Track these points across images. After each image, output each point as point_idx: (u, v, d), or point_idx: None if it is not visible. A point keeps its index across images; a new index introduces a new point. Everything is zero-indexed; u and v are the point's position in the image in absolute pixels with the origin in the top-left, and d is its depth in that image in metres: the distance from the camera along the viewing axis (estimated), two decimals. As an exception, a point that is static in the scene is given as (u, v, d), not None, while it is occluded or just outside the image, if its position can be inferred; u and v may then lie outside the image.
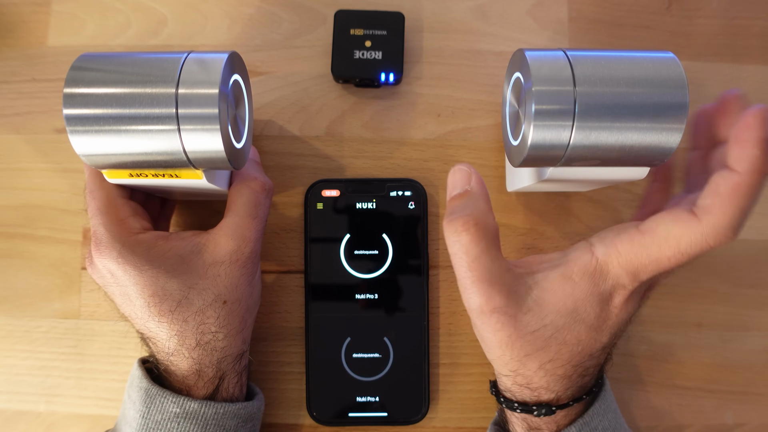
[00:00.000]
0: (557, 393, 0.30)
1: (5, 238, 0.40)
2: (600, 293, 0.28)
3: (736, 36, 0.43)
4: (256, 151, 0.38)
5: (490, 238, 0.28)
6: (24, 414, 0.39)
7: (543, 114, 0.26)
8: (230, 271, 0.31)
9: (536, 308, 0.28)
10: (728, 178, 0.25)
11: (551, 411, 0.30)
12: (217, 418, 0.31)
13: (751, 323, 0.41)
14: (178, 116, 0.26)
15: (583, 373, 0.30)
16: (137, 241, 0.31)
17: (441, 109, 0.41)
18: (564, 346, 0.29)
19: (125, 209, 0.32)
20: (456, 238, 0.28)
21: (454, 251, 0.28)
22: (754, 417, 0.40)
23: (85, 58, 0.28)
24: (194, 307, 0.30)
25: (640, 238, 0.27)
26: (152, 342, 0.31)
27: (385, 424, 0.38)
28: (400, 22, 0.40)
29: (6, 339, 0.39)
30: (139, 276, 0.30)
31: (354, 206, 0.39)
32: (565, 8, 0.42)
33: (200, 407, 0.30)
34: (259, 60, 0.41)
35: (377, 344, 0.38)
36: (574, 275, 0.28)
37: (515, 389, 0.31)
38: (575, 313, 0.28)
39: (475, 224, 0.27)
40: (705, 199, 0.25)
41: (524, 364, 0.29)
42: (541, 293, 0.28)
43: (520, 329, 0.28)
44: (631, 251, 0.27)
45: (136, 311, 0.31)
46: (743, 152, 0.24)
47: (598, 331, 0.29)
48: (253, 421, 0.33)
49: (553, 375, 0.29)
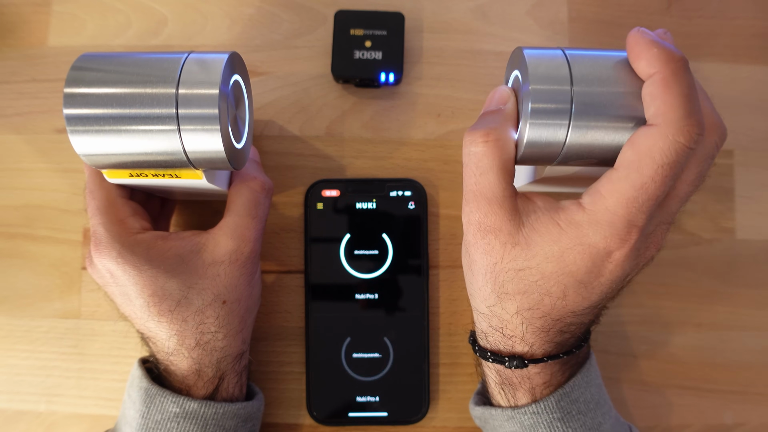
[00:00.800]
0: (531, 346, 0.29)
1: (5, 238, 0.40)
2: (590, 245, 0.26)
3: (736, 36, 0.43)
4: (256, 151, 0.38)
5: (505, 159, 0.27)
6: (24, 414, 0.39)
7: (539, 112, 0.26)
8: (230, 270, 0.31)
9: (525, 245, 0.27)
10: (653, 80, 0.25)
11: (524, 364, 0.29)
12: (216, 418, 0.31)
13: (751, 323, 0.41)
14: (178, 116, 0.26)
15: (562, 329, 0.29)
16: (136, 240, 0.31)
17: (441, 109, 0.41)
18: (547, 297, 0.28)
19: (125, 209, 0.32)
20: (472, 148, 0.28)
21: (466, 161, 0.28)
22: (753, 417, 0.40)
23: (86, 58, 0.28)
24: (194, 306, 0.30)
25: (616, 174, 0.26)
26: (152, 342, 0.31)
27: (385, 424, 0.38)
28: (400, 22, 0.40)
29: (6, 339, 0.40)
30: (139, 276, 0.30)
31: (354, 206, 0.39)
32: (565, 8, 0.42)
33: (200, 407, 0.30)
34: (259, 60, 0.41)
35: (377, 344, 0.38)
36: (560, 221, 0.27)
37: (489, 333, 0.30)
38: (562, 261, 0.27)
39: (495, 139, 0.27)
40: (649, 109, 0.25)
41: (502, 301, 0.29)
42: (531, 232, 0.27)
43: (507, 260, 0.28)
44: (614, 189, 0.26)
45: (135, 311, 0.31)
46: (645, 57, 0.25)
47: (588, 288, 0.27)
48: (252, 421, 0.33)
49: (529, 325, 0.28)
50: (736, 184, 0.42)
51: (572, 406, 0.30)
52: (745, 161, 0.42)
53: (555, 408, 0.29)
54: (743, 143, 0.42)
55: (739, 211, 0.41)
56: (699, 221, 0.41)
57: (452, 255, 0.40)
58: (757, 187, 0.42)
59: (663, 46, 0.25)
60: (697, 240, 0.41)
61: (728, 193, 0.42)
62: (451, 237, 0.40)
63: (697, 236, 0.41)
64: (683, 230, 0.41)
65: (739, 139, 0.42)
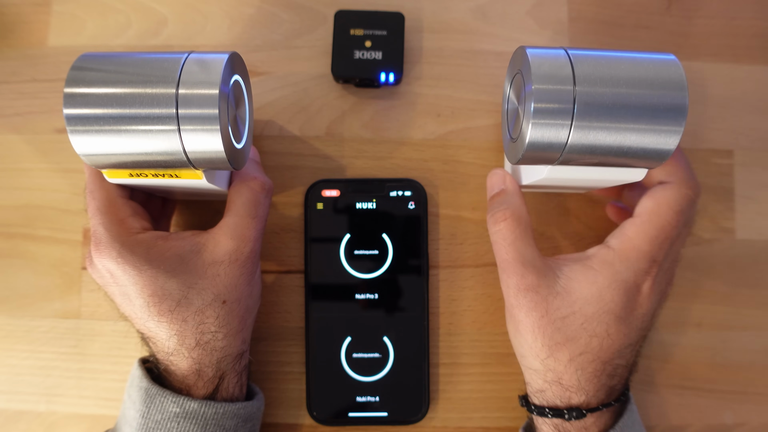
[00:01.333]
0: (587, 394, 0.30)
1: (5, 238, 0.40)
2: (623, 280, 0.30)
3: (736, 36, 0.43)
4: (256, 151, 0.38)
5: (524, 227, 0.32)
6: (24, 414, 0.39)
7: (542, 112, 0.26)
8: (230, 270, 0.31)
9: (564, 294, 0.31)
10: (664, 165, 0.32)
11: (582, 414, 0.30)
12: (216, 418, 0.31)
13: (751, 323, 0.41)
14: (179, 116, 0.26)
15: (611, 373, 0.31)
16: (137, 241, 0.31)
17: (441, 109, 0.41)
18: (594, 338, 0.30)
19: (125, 209, 0.32)
20: (496, 228, 0.32)
21: (495, 239, 0.32)
22: (753, 417, 0.40)
23: (86, 58, 0.28)
24: (193, 306, 0.30)
25: (640, 220, 0.31)
26: (152, 342, 0.31)
27: (385, 424, 0.38)
28: (400, 22, 0.40)
29: (6, 339, 0.40)
30: (139, 276, 0.30)
31: (354, 206, 0.39)
32: (565, 8, 0.42)
33: (200, 407, 0.30)
34: (259, 60, 0.41)
35: (377, 344, 0.38)
36: (594, 265, 0.31)
37: (546, 389, 0.31)
38: (601, 300, 0.30)
39: (511, 215, 0.32)
40: (663, 175, 0.32)
41: (554, 353, 0.31)
42: (568, 282, 0.31)
43: (551, 312, 0.30)
44: (640, 230, 0.31)
45: (135, 311, 0.31)
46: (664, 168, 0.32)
47: (626, 323, 0.31)
48: (252, 421, 0.33)
49: (583, 371, 0.30)
50: (736, 184, 0.42)
51: None
52: (745, 161, 0.42)
53: None
54: (743, 143, 0.42)
55: (739, 211, 0.41)
56: (699, 221, 0.41)
57: (452, 255, 0.40)
58: (757, 187, 0.42)
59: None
60: (697, 240, 0.41)
61: (728, 193, 0.42)
62: (451, 237, 0.40)
63: (697, 236, 0.41)
64: (683, 230, 0.41)
65: (739, 139, 0.42)
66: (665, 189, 0.31)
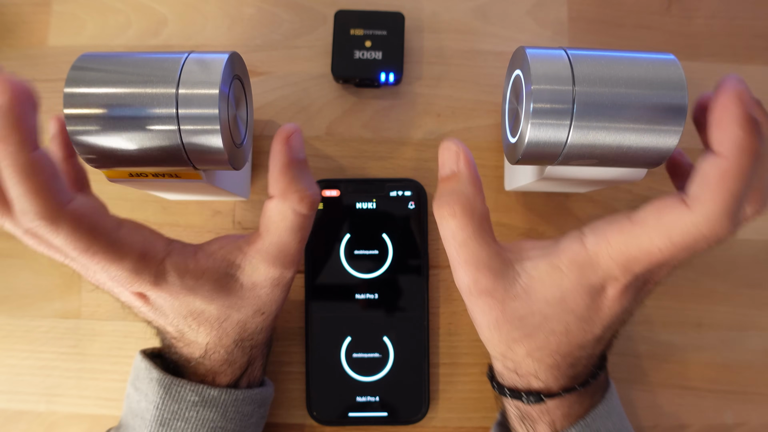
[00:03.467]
0: (547, 383, 0.29)
1: (5, 238, 0.40)
2: (590, 285, 0.27)
3: (736, 36, 0.43)
4: (300, 141, 0.29)
5: (478, 223, 0.27)
6: (24, 414, 0.39)
7: (541, 112, 0.26)
8: (272, 292, 0.30)
9: (524, 295, 0.28)
10: (714, 163, 0.23)
11: (540, 399, 0.29)
12: (237, 405, 0.31)
13: (751, 323, 0.41)
14: (179, 116, 0.26)
15: (573, 363, 0.29)
16: (167, 269, 0.27)
17: (441, 109, 0.41)
18: (552, 336, 0.28)
19: (134, 239, 0.27)
20: (443, 223, 0.28)
21: (444, 235, 0.28)
22: (754, 417, 0.40)
23: (86, 58, 0.28)
24: (233, 319, 0.30)
25: (630, 228, 0.26)
26: (184, 343, 0.31)
27: (385, 424, 0.38)
28: (400, 22, 0.40)
29: (6, 339, 0.40)
30: (175, 300, 0.28)
31: (354, 206, 0.39)
32: (565, 8, 0.42)
33: (220, 394, 0.30)
34: (259, 60, 0.41)
35: (377, 344, 0.38)
36: (562, 265, 0.27)
37: (505, 374, 0.31)
38: (563, 303, 0.27)
39: (461, 209, 0.27)
40: (694, 187, 0.24)
41: (512, 348, 0.29)
42: (530, 281, 0.28)
43: (508, 314, 0.28)
44: (621, 242, 0.26)
45: (170, 321, 0.30)
46: (725, 134, 0.23)
47: (589, 323, 0.28)
48: (265, 406, 0.34)
49: (541, 363, 0.29)
50: (736, 184, 0.42)
51: None
52: (745, 161, 0.42)
53: None
54: (743, 143, 0.42)
55: (739, 211, 0.41)
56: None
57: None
58: (757, 187, 0.42)
59: (749, 131, 0.23)
60: (697, 240, 0.41)
61: (728, 193, 0.42)
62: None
63: (697, 236, 0.41)
64: (683, 230, 0.41)
65: (739, 139, 0.42)
66: (679, 213, 0.24)
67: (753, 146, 0.23)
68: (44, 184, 0.23)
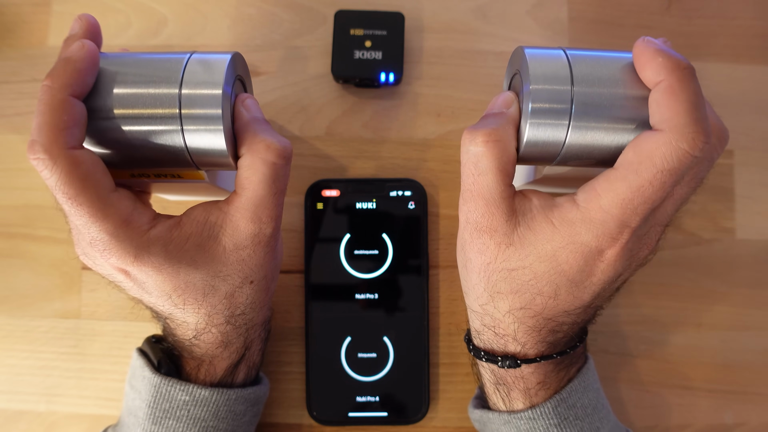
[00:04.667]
0: (524, 345, 0.29)
1: (5, 238, 0.40)
2: (582, 243, 0.26)
3: (736, 36, 0.43)
4: (255, 103, 0.30)
5: (505, 161, 0.27)
6: (24, 414, 0.39)
7: (539, 112, 0.26)
8: (254, 253, 0.29)
9: (519, 244, 0.27)
10: (658, 89, 0.25)
11: (516, 363, 0.29)
12: (229, 404, 0.31)
13: (751, 323, 0.41)
14: (181, 116, 0.26)
15: (555, 329, 0.29)
16: (150, 240, 0.27)
17: (441, 109, 0.41)
18: (539, 296, 0.28)
19: (123, 205, 0.27)
20: (471, 147, 0.27)
21: (464, 160, 0.28)
22: (753, 417, 0.40)
23: (86, 58, 0.28)
24: (221, 292, 0.29)
25: (614, 173, 0.26)
26: (175, 324, 0.30)
27: (385, 424, 0.38)
28: (400, 22, 0.40)
29: (6, 339, 0.40)
30: (159, 274, 0.28)
31: (354, 206, 0.39)
32: (565, 8, 0.42)
33: (211, 394, 0.30)
34: (259, 60, 0.41)
35: (377, 344, 0.38)
36: (554, 220, 0.27)
37: (482, 331, 0.30)
38: (555, 260, 0.27)
39: (496, 140, 0.27)
40: (656, 116, 0.25)
41: (494, 300, 0.29)
42: (526, 231, 0.27)
43: (500, 260, 0.28)
44: (610, 188, 0.25)
45: (155, 301, 0.29)
46: (652, 66, 0.25)
47: (579, 287, 0.27)
48: (258, 405, 0.34)
49: (521, 324, 0.29)
50: (736, 184, 0.42)
51: (569, 412, 0.30)
52: (745, 161, 0.42)
53: (552, 414, 0.29)
54: (743, 143, 0.42)
55: (739, 211, 0.41)
56: (699, 221, 0.41)
57: (452, 255, 0.40)
58: (757, 187, 0.42)
59: (669, 55, 0.25)
60: (697, 240, 0.41)
61: (728, 193, 0.42)
62: (451, 237, 0.40)
63: (697, 236, 0.41)
64: (683, 230, 0.41)
65: (739, 139, 0.42)
66: (652, 139, 0.25)
67: (678, 62, 0.25)
68: (60, 122, 0.25)
